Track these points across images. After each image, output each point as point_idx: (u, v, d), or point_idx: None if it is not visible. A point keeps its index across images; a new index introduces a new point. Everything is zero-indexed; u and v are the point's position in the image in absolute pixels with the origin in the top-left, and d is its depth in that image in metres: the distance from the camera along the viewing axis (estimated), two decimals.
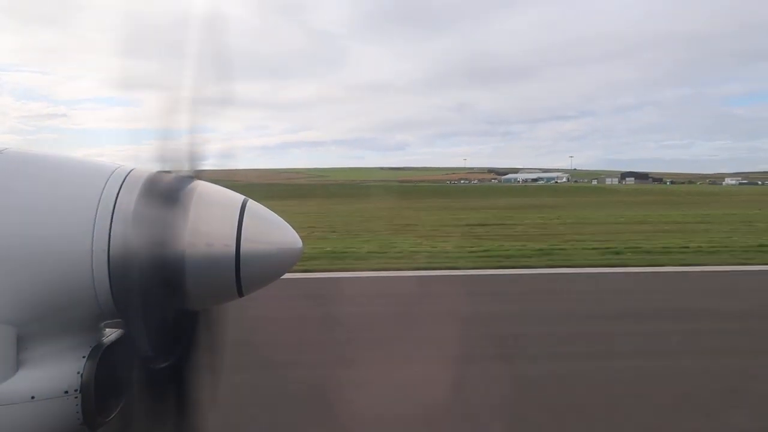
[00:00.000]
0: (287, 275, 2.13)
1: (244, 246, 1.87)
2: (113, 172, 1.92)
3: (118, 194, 1.84)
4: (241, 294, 1.96)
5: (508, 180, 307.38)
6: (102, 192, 1.84)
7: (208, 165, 1.97)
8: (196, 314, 2.02)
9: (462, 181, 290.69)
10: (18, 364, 1.80)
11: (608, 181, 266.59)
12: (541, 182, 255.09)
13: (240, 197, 1.98)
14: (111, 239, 1.79)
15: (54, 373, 1.85)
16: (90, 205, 1.82)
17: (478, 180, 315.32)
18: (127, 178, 1.90)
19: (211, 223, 1.88)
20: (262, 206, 2.02)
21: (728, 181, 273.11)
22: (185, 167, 1.88)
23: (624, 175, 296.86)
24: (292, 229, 2.03)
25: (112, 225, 1.79)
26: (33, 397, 1.80)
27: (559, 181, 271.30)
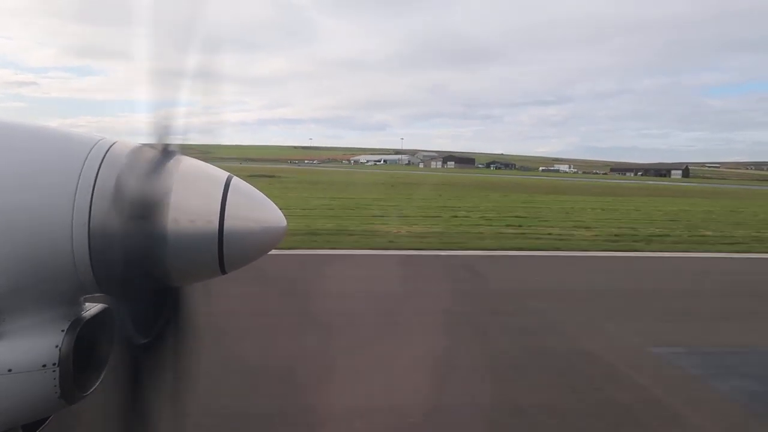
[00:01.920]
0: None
1: (228, 223, 1.84)
2: (95, 145, 1.88)
3: (99, 167, 1.81)
4: (223, 271, 1.94)
5: (357, 161, 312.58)
6: (83, 164, 1.81)
7: (187, 140, 1.92)
8: (177, 291, 2.00)
9: (306, 162, 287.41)
10: None
11: (433, 164, 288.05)
12: (369, 163, 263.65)
13: (224, 174, 1.96)
14: (92, 213, 1.76)
15: (32, 346, 1.81)
16: (71, 178, 1.79)
17: (318, 160, 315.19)
18: (109, 150, 1.87)
19: (195, 198, 1.85)
20: (247, 183, 2.01)
21: (560, 167, 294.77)
22: (166, 141, 1.85)
23: (446, 159, 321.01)
24: (277, 208, 2.01)
25: (93, 198, 1.77)
26: (10, 370, 1.76)
27: (377, 162, 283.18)
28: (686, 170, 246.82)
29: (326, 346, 7.09)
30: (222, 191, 1.87)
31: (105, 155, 1.85)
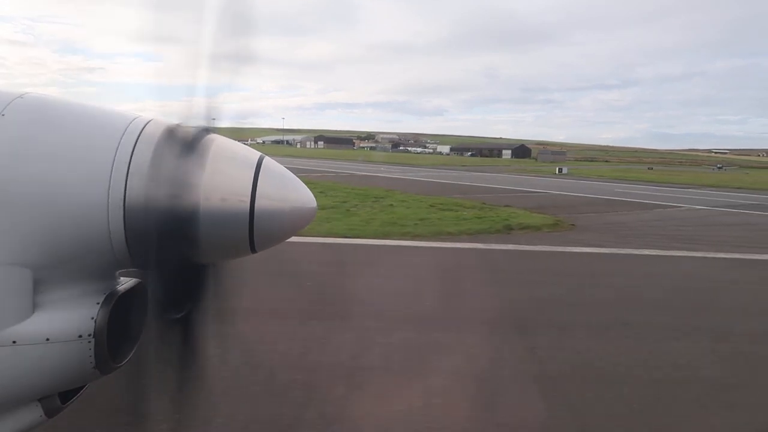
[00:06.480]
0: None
1: (259, 202, 1.81)
2: (131, 122, 1.84)
3: (135, 144, 1.78)
4: (253, 250, 1.92)
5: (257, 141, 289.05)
6: (119, 141, 1.78)
7: (229, 123, 1.92)
8: (207, 268, 1.99)
9: None
10: (34, 307, 1.74)
11: (308, 144, 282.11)
12: (261, 143, 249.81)
13: (257, 154, 1.94)
14: (127, 189, 1.75)
15: (68, 317, 1.79)
16: (107, 154, 1.75)
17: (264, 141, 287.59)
18: (145, 128, 1.83)
19: (227, 177, 1.83)
20: (279, 164, 1.99)
21: (439, 148, 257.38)
22: (204, 122, 1.85)
23: (317, 139, 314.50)
24: (307, 189, 1.98)
25: (129, 175, 1.75)
26: (47, 339, 1.75)
27: (264, 142, 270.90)
28: (522, 150, 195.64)
29: None
30: (254, 171, 1.86)
31: (141, 132, 1.82)
